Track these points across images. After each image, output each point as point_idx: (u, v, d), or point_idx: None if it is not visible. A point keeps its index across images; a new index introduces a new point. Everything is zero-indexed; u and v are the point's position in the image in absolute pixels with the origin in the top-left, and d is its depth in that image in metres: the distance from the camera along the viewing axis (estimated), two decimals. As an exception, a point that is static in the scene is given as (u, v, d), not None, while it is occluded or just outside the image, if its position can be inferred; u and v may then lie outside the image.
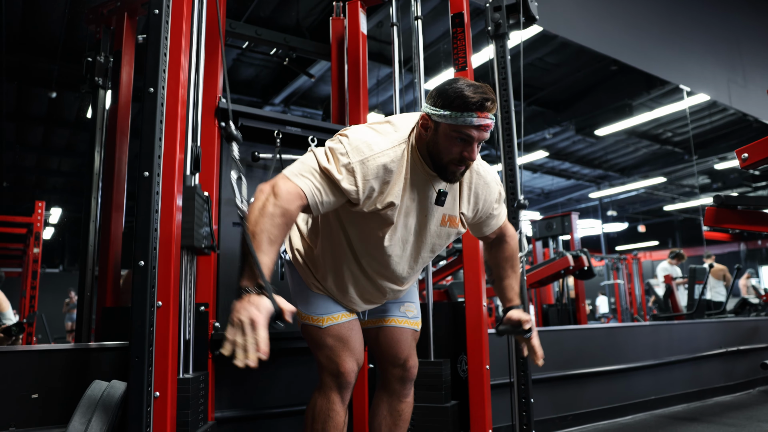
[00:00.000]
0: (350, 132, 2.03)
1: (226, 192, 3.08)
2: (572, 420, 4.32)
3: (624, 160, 17.25)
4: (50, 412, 2.41)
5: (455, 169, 2.00)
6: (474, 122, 1.89)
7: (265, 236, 1.76)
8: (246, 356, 1.53)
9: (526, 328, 2.27)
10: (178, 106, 2.23)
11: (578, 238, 8.38)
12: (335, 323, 2.24)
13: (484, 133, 1.93)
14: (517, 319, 2.29)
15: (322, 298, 2.29)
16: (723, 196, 3.27)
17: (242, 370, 3.06)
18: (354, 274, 2.23)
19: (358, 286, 2.27)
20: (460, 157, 1.95)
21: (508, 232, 2.42)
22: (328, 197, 1.93)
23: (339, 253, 2.21)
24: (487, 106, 1.89)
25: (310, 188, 1.89)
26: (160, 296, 2.12)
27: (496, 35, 3.40)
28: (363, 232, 2.12)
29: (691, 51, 9.00)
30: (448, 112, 1.90)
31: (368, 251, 2.16)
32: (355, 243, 2.17)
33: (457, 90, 1.90)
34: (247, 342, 1.54)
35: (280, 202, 1.80)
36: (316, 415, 2.21)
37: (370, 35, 3.45)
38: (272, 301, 1.64)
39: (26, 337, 6.45)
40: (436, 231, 2.18)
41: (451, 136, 1.93)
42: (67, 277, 20.41)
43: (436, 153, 1.99)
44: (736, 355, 6.01)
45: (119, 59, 3.87)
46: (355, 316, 2.34)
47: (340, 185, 1.92)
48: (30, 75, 9.45)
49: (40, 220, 7.51)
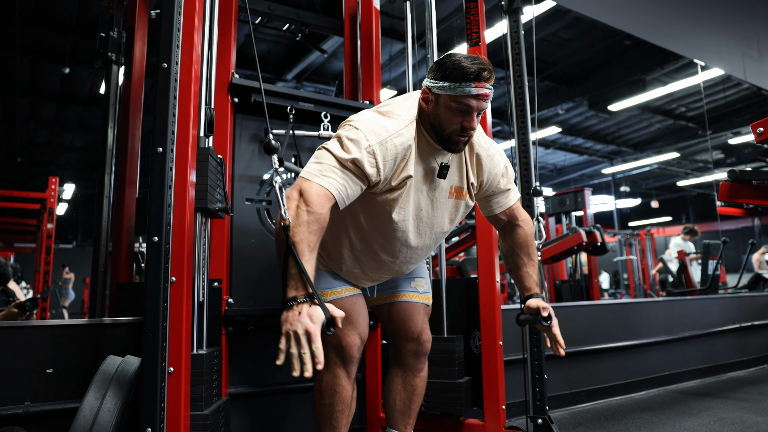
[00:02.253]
0: (360, 118, 2.07)
1: (239, 168, 3.07)
2: (585, 396, 4.33)
3: (637, 136, 17.14)
4: (65, 386, 2.43)
5: (458, 140, 2.05)
6: (472, 92, 1.95)
7: (305, 245, 1.78)
8: (305, 368, 1.58)
9: (545, 315, 2.24)
10: (191, 82, 2.22)
11: (591, 214, 8.36)
12: (337, 297, 2.28)
13: (483, 102, 1.98)
14: (536, 308, 2.26)
15: (325, 273, 2.31)
16: (737, 170, 3.24)
17: (255, 346, 3.07)
18: (360, 257, 2.26)
19: (363, 267, 2.29)
20: (461, 127, 2.01)
21: (521, 216, 2.41)
22: (353, 189, 1.96)
23: (346, 235, 2.24)
24: (484, 76, 1.95)
25: (336, 186, 1.91)
26: (174, 272, 2.12)
27: (510, 10, 3.37)
28: (373, 213, 2.14)
29: (705, 25, 8.89)
30: (446, 83, 1.97)
31: (378, 230, 2.18)
32: (365, 224, 2.19)
33: (454, 62, 1.97)
34: (303, 354, 1.59)
35: (312, 208, 1.83)
36: (323, 390, 2.24)
37: (382, 10, 3.42)
38: (324, 309, 1.66)
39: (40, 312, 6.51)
40: (444, 203, 2.21)
41: (451, 107, 1.99)
42: (80, 252, 20.57)
43: (438, 124, 2.04)
44: (750, 331, 6.00)
45: (132, 34, 3.85)
46: (358, 291, 2.36)
47: (364, 169, 1.95)
48: (43, 50, 9.44)
49: (53, 195, 7.54)
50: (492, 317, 2.99)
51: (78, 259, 16.62)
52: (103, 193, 3.82)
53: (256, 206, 3.15)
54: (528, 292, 2.35)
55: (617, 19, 7.66)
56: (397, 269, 2.34)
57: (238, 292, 2.98)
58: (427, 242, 2.29)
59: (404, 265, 2.34)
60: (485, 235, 3.07)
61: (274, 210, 3.26)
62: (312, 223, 1.80)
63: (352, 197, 1.98)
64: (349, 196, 1.95)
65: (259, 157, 3.15)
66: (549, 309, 2.25)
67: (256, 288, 3.08)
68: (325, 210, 1.85)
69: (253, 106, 3.04)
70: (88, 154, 15.23)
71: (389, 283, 2.46)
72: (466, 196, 2.24)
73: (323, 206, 1.85)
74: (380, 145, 1.97)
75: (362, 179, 1.97)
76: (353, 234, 2.22)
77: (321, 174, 1.91)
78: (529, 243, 2.40)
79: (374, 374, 3.14)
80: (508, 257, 2.44)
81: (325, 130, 3.19)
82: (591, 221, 8.26)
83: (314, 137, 3.25)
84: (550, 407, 3.99)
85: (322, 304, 1.67)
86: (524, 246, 2.39)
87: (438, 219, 2.23)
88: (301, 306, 1.65)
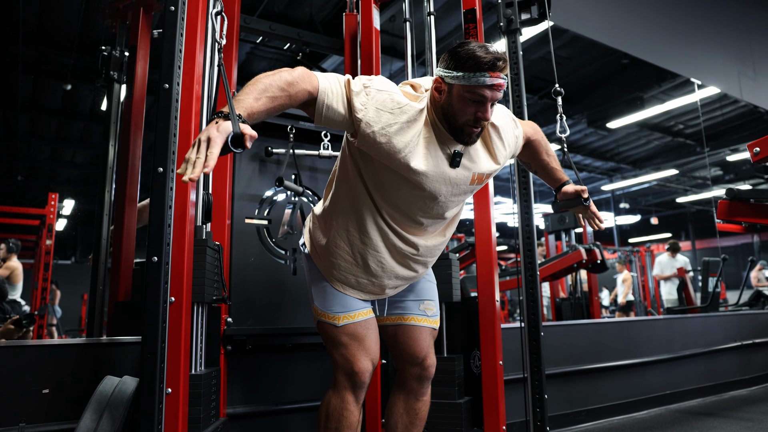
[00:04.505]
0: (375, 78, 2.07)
1: (239, 187, 3.07)
2: (586, 415, 4.30)
3: (636, 153, 17.15)
4: (61, 407, 2.42)
5: (471, 132, 2.01)
6: (487, 82, 1.91)
7: (261, 85, 1.83)
8: (192, 171, 1.55)
9: (585, 197, 2.49)
10: (192, 102, 2.23)
11: (591, 231, 8.35)
12: (351, 322, 2.22)
13: (497, 92, 1.95)
14: (574, 191, 2.50)
15: (340, 296, 2.26)
16: (735, 189, 3.25)
17: (254, 366, 3.06)
18: (378, 244, 2.20)
19: (380, 260, 2.22)
20: (474, 117, 1.97)
21: (531, 131, 2.47)
22: (336, 105, 1.95)
23: (361, 219, 2.18)
24: (499, 66, 1.92)
25: (326, 86, 1.94)
26: (173, 292, 2.11)
27: (508, 30, 3.38)
28: (391, 190, 2.11)
29: (701, 44, 8.95)
30: (460, 73, 1.93)
31: (397, 204, 2.14)
32: (381, 203, 2.15)
33: (468, 51, 1.93)
34: (198, 159, 1.57)
35: (294, 75, 1.87)
36: (329, 413, 2.19)
37: (382, 29, 3.44)
38: (235, 125, 1.65)
39: (37, 329, 6.49)
40: (464, 188, 2.17)
41: (465, 97, 1.95)
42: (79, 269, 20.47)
43: (451, 115, 2.00)
44: (752, 349, 5.98)
45: (134, 53, 3.88)
46: (372, 315, 2.31)
47: (352, 99, 1.95)
48: (46, 68, 9.47)
49: (53, 212, 7.55)
50: (492, 336, 2.98)
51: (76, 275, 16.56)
52: (103, 210, 3.82)
53: (255, 225, 3.15)
54: (560, 181, 2.58)
55: (615, 39, 7.71)
56: (414, 266, 2.28)
57: (237, 311, 2.97)
58: (444, 222, 2.27)
59: (418, 262, 2.28)
60: (485, 254, 3.07)
61: (274, 229, 3.26)
62: (283, 81, 1.85)
63: (332, 114, 1.96)
64: (330, 107, 1.95)
65: (259, 176, 3.16)
66: (587, 190, 2.50)
67: (255, 307, 3.08)
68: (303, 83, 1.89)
69: (254, 124, 3.05)
70: (89, 170, 15.24)
71: (399, 303, 2.42)
72: (485, 179, 2.22)
73: (304, 80, 1.89)
74: (378, 91, 1.98)
75: (347, 108, 1.96)
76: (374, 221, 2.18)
77: (322, 75, 1.96)
78: (546, 144, 2.55)
79: (373, 393, 3.12)
80: (531, 163, 2.61)
81: (325, 149, 3.19)
82: (591, 238, 8.25)
83: (314, 156, 3.25)
84: (551, 427, 3.96)
85: (235, 119, 1.66)
86: (543, 149, 2.54)
87: (453, 201, 2.19)
88: (220, 120, 1.66)
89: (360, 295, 2.29)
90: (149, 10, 4.01)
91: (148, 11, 4.01)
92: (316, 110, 1.95)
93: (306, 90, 1.90)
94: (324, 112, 1.95)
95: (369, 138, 1.97)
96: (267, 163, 3.28)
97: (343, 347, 2.20)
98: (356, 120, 1.96)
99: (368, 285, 2.27)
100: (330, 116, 1.97)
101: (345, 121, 1.99)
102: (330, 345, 2.24)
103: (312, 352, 3.30)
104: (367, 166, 2.11)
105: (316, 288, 2.31)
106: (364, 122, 1.95)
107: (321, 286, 2.29)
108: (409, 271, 2.30)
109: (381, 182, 2.11)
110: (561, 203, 2.56)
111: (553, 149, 2.58)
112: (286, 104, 1.88)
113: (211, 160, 1.57)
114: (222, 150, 1.62)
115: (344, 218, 2.21)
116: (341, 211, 2.21)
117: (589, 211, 2.55)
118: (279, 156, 3.26)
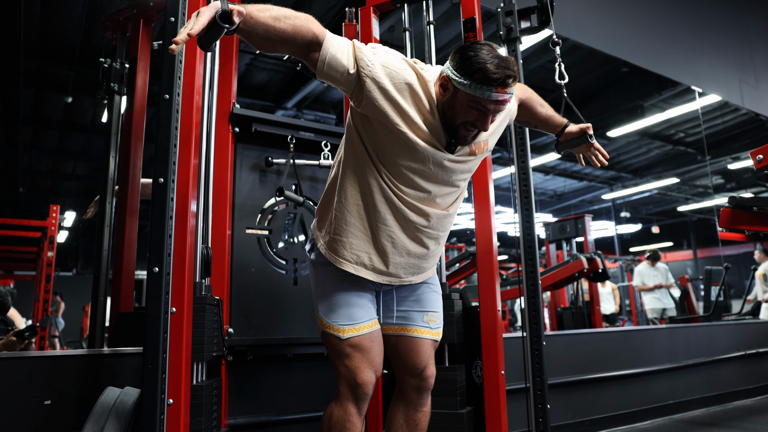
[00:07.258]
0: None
1: (240, 197, 3.07)
2: (589, 425, 4.29)
3: (636, 161, 17.15)
4: (63, 418, 2.41)
5: (466, 134, 2.04)
6: (492, 97, 1.92)
7: (271, 6, 1.86)
8: (179, 36, 1.63)
9: (591, 133, 2.64)
10: (192, 112, 2.23)
11: (592, 240, 8.35)
12: (356, 335, 2.20)
13: (501, 106, 1.96)
14: (579, 129, 2.66)
15: (345, 306, 2.22)
16: (737, 197, 3.25)
17: (255, 376, 3.05)
18: (386, 217, 2.17)
19: (390, 234, 2.19)
20: (473, 122, 1.99)
21: (520, 92, 2.53)
22: (341, 56, 1.95)
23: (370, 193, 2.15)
24: (508, 83, 1.92)
25: (333, 37, 1.96)
26: (174, 302, 2.11)
27: (508, 39, 3.40)
28: (394, 156, 2.09)
29: (702, 52, 8.95)
30: (468, 81, 1.92)
31: (402, 172, 2.11)
32: (386, 173, 2.13)
33: (479, 61, 1.91)
34: (185, 27, 1.64)
35: (301, 16, 1.89)
36: (332, 425, 2.17)
37: (382, 39, 3.44)
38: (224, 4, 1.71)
39: (39, 340, 6.48)
40: (465, 163, 2.19)
41: (468, 105, 1.96)
42: (80, 280, 20.49)
43: (451, 115, 2.01)
44: (756, 358, 5.95)
45: (135, 65, 3.89)
46: (377, 327, 2.28)
47: (358, 55, 1.97)
48: (46, 80, 9.51)
49: (54, 223, 7.54)
50: (494, 346, 2.97)
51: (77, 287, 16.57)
52: (104, 222, 3.82)
53: (256, 235, 3.15)
54: (561, 125, 2.71)
55: (614, 47, 7.71)
56: (426, 240, 2.25)
57: (238, 322, 2.97)
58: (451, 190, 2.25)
59: (430, 237, 2.25)
60: (486, 263, 3.06)
61: (275, 239, 3.26)
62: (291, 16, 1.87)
63: (335, 64, 1.95)
64: (334, 57, 1.94)
65: (259, 186, 3.16)
66: (591, 126, 2.64)
67: (256, 317, 3.07)
68: (310, 25, 1.90)
69: (254, 135, 3.05)
70: (90, 182, 15.25)
71: (403, 312, 2.40)
72: (484, 149, 2.23)
73: (311, 22, 1.91)
74: (385, 52, 2.02)
75: (349, 63, 1.96)
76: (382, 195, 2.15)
77: (331, 32, 1.98)
78: (537, 97, 2.63)
79: (374, 403, 3.11)
80: (530, 120, 2.69)
81: (325, 159, 3.20)
82: (592, 247, 8.24)
83: (314, 166, 3.26)
84: (554, 437, 3.96)
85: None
86: (536, 103, 2.62)
87: (457, 171, 2.19)
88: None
89: (374, 276, 2.23)
90: (149, 22, 4.02)
91: (148, 23, 4.02)
92: (319, 58, 1.94)
93: (312, 31, 1.90)
94: (327, 61, 1.94)
95: (372, 95, 1.98)
96: (267, 173, 3.29)
97: (347, 358, 2.18)
98: (362, 75, 1.97)
99: (381, 265, 2.23)
100: (333, 66, 1.96)
101: (347, 77, 1.99)
102: (334, 356, 2.23)
103: (313, 362, 3.29)
104: (369, 135, 2.11)
105: (321, 298, 2.28)
106: (370, 78, 1.96)
107: (327, 292, 2.26)
108: (421, 248, 2.25)
109: (383, 150, 2.10)
110: (565, 143, 2.68)
111: None
112: (288, 36, 1.88)
113: (197, 26, 1.64)
114: (211, 27, 1.68)
115: (353, 195, 2.18)
116: (350, 189, 2.18)
117: (593, 148, 2.69)
118: (279, 166, 3.26)
